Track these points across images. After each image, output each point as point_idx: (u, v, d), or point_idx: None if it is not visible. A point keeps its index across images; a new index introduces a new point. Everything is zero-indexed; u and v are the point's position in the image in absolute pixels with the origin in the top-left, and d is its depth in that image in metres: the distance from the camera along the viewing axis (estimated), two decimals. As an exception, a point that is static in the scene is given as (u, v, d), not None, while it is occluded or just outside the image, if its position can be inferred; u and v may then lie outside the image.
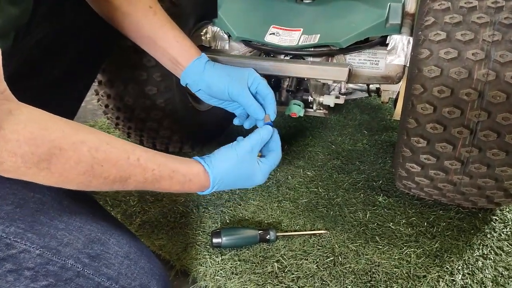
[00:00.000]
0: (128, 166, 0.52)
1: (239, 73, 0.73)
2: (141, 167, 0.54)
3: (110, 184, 0.52)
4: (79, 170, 0.48)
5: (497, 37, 0.62)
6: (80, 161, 0.48)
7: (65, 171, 0.48)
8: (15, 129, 0.44)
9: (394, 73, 0.83)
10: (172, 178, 0.58)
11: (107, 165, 0.50)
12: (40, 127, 0.46)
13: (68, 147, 0.47)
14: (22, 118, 0.44)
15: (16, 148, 0.44)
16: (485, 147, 0.67)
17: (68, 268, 0.52)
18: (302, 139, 1.21)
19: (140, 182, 0.54)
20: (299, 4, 0.92)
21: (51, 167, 0.46)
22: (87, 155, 0.49)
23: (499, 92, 0.62)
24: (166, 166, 0.57)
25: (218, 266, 0.81)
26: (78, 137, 0.48)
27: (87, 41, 0.77)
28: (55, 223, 0.53)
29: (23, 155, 0.44)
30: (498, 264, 0.80)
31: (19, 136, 0.44)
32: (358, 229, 0.89)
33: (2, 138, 0.43)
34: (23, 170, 0.45)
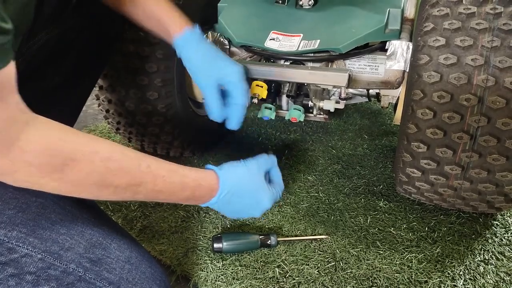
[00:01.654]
0: (139, 173, 0.53)
1: (217, 66, 0.70)
2: (152, 174, 0.54)
3: (121, 193, 0.53)
4: (91, 180, 0.50)
5: (496, 43, 0.63)
6: (93, 171, 0.49)
7: (77, 181, 0.49)
8: (32, 139, 0.45)
9: (393, 78, 0.83)
10: (184, 183, 0.58)
11: (119, 174, 0.51)
12: (55, 138, 0.47)
13: (81, 157, 0.48)
14: (38, 129, 0.46)
15: (32, 158, 0.45)
16: (485, 152, 0.67)
17: (70, 273, 0.52)
18: (303, 144, 1.21)
19: (150, 189, 0.55)
20: (299, 10, 0.92)
21: (64, 177, 0.48)
22: (100, 165, 0.50)
23: (498, 97, 0.63)
24: (176, 172, 0.58)
25: (219, 272, 0.81)
26: (91, 147, 0.50)
27: (87, 46, 0.77)
28: (56, 227, 0.53)
29: (39, 165, 0.45)
30: (499, 269, 0.80)
31: (35, 147, 0.45)
32: (359, 234, 0.89)
33: (19, 148, 0.44)
34: (36, 180, 0.47)
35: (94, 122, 1.40)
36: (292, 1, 0.94)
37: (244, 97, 0.72)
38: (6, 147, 0.43)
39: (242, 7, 0.94)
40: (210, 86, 0.71)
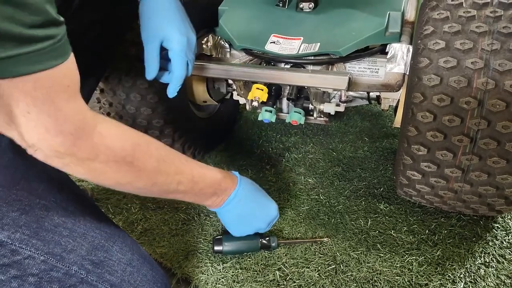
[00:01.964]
0: (180, 163, 0.62)
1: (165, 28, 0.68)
2: (189, 165, 0.63)
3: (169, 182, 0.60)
4: (151, 164, 0.56)
5: (496, 46, 0.63)
6: (152, 156, 0.56)
7: (142, 165, 0.54)
8: (106, 126, 0.51)
9: (394, 81, 0.83)
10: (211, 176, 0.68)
11: (168, 161, 0.59)
12: (119, 127, 0.53)
13: (143, 143, 0.55)
14: (103, 119, 0.51)
15: (111, 142, 0.50)
16: (485, 155, 0.67)
17: (72, 275, 0.52)
18: (303, 147, 1.21)
19: (189, 179, 0.63)
20: (300, 13, 0.93)
21: (134, 161, 0.53)
22: (155, 152, 0.57)
23: (498, 100, 0.63)
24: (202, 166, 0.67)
25: (219, 274, 0.81)
26: (146, 137, 0.57)
27: (88, 49, 0.77)
28: (59, 229, 0.53)
29: (116, 148, 0.51)
30: (500, 272, 0.80)
31: (111, 132, 0.51)
32: (360, 237, 0.89)
33: (99, 133, 0.49)
34: (111, 164, 0.51)
35: (95, 124, 1.40)
36: (293, 4, 0.95)
37: (181, 69, 0.70)
38: (87, 132, 0.48)
39: (243, 10, 0.95)
40: (150, 42, 0.69)
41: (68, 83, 0.46)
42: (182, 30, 0.69)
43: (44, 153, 0.47)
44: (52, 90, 0.44)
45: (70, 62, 0.46)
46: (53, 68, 0.44)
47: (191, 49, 0.70)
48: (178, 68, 0.70)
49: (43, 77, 0.43)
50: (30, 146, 0.46)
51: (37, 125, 0.44)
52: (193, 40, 0.71)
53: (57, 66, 0.44)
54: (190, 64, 0.71)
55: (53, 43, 0.43)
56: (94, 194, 1.03)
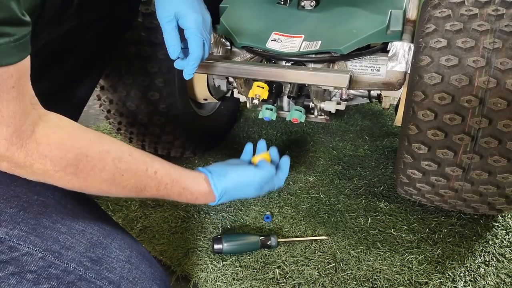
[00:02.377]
0: (145, 178, 0.57)
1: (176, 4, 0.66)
2: (157, 180, 0.58)
3: (127, 193, 0.56)
4: (102, 178, 0.52)
5: (497, 44, 0.63)
6: (104, 169, 0.51)
7: (89, 177, 0.51)
8: (46, 133, 0.46)
9: (395, 80, 0.83)
10: (181, 195, 0.63)
11: (127, 175, 0.54)
12: (69, 134, 0.49)
13: (94, 155, 0.50)
14: (52, 123, 0.48)
15: (47, 151, 0.46)
16: (486, 153, 0.67)
17: (70, 272, 0.52)
18: (303, 145, 1.21)
19: (153, 193, 0.59)
20: (301, 11, 0.92)
21: (77, 173, 0.49)
22: (110, 164, 0.52)
23: (500, 99, 0.62)
24: (178, 183, 0.62)
25: (219, 272, 0.81)
26: (103, 146, 0.52)
27: (88, 47, 0.77)
28: (57, 226, 0.53)
29: (53, 158, 0.47)
30: (500, 271, 0.80)
31: (49, 140, 0.47)
32: (360, 235, 0.89)
33: (35, 140, 0.46)
34: (51, 173, 0.48)
35: (95, 122, 1.40)
36: (294, 2, 0.94)
37: (198, 49, 0.68)
38: (22, 139, 0.45)
39: (244, 8, 0.94)
40: (167, 22, 0.67)
41: (12, 84, 0.43)
42: (197, 9, 0.68)
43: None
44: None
45: (22, 64, 0.44)
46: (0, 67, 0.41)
47: (207, 28, 0.69)
48: (195, 47, 0.68)
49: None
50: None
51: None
52: (208, 19, 0.70)
53: (6, 66, 0.42)
54: (207, 44, 0.70)
55: (8, 42, 0.41)
56: (94, 191, 1.03)
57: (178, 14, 0.66)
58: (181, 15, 0.66)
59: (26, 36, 0.43)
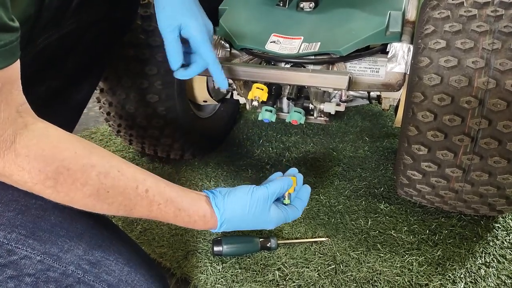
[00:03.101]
0: (135, 196, 0.52)
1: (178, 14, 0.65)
2: (148, 199, 0.53)
3: (114, 211, 0.52)
4: (84, 193, 0.48)
5: (497, 45, 0.63)
6: (86, 184, 0.48)
7: (70, 192, 0.47)
8: (26, 144, 0.44)
9: (394, 81, 0.83)
10: (177, 217, 0.56)
11: (114, 192, 0.50)
12: (52, 145, 0.46)
13: (76, 168, 0.47)
14: (36, 133, 0.45)
15: (24, 163, 0.44)
16: (486, 154, 0.67)
17: (69, 275, 0.52)
18: (303, 146, 1.21)
19: (144, 213, 0.54)
20: (300, 12, 0.92)
21: (57, 186, 0.46)
22: (94, 179, 0.48)
23: (499, 100, 0.62)
24: (173, 203, 0.55)
25: (219, 274, 0.80)
26: (89, 160, 0.48)
27: (87, 50, 0.77)
28: (56, 229, 0.53)
29: (30, 170, 0.44)
30: (501, 273, 0.80)
31: (29, 152, 0.44)
32: (360, 237, 0.88)
33: (13, 151, 0.43)
34: (30, 185, 0.46)
35: (95, 124, 1.40)
36: (293, 3, 0.94)
37: (212, 54, 0.68)
38: (3, 148, 0.43)
39: (243, 10, 0.94)
40: (169, 32, 0.66)
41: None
42: (198, 18, 0.67)
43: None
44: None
45: (9, 70, 0.42)
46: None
47: (210, 36, 0.69)
48: (208, 55, 0.67)
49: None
50: None
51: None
52: (210, 27, 0.69)
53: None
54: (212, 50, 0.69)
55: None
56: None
57: (181, 24, 0.65)
58: (184, 25, 0.65)
59: (13, 42, 0.42)
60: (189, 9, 0.67)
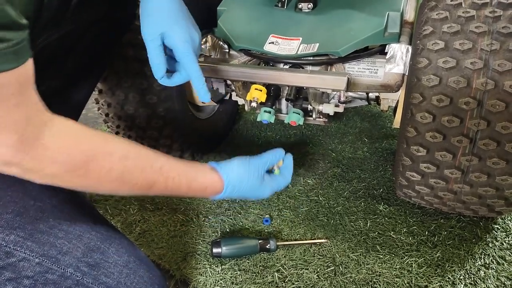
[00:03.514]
0: (152, 173, 0.56)
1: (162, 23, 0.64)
2: (163, 175, 0.57)
3: (137, 190, 0.56)
4: (111, 177, 0.52)
5: (495, 46, 0.63)
6: (112, 169, 0.51)
7: (99, 178, 0.51)
8: (53, 138, 0.47)
9: (393, 82, 0.83)
10: (190, 187, 0.62)
11: (135, 173, 0.54)
12: (75, 137, 0.49)
13: (101, 155, 0.51)
14: (58, 128, 0.48)
15: (56, 155, 0.47)
16: (485, 156, 0.67)
17: (67, 277, 0.51)
18: (302, 147, 1.21)
19: (161, 189, 0.58)
20: (298, 13, 0.92)
21: (87, 174, 0.50)
22: (117, 163, 0.52)
23: (498, 101, 0.62)
24: (185, 175, 0.60)
25: (218, 276, 0.80)
26: (109, 146, 0.52)
27: (86, 51, 0.77)
28: (54, 231, 0.53)
29: (63, 162, 0.47)
30: (500, 274, 0.80)
31: (57, 145, 0.47)
32: (359, 238, 0.88)
33: (42, 146, 0.46)
34: (61, 177, 0.48)
35: (94, 125, 1.40)
36: (291, 4, 0.94)
37: (195, 66, 0.66)
38: (29, 145, 0.45)
39: (241, 10, 0.94)
40: (151, 40, 0.65)
41: (13, 91, 0.42)
42: (183, 27, 0.66)
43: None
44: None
45: (23, 69, 0.43)
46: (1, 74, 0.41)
47: (195, 47, 0.68)
48: (191, 67, 0.66)
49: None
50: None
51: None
52: (195, 37, 0.68)
53: (4, 72, 0.41)
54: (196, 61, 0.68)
55: (6, 47, 0.40)
56: (92, 196, 1.03)
57: (163, 34, 0.64)
58: (166, 34, 0.64)
59: (24, 40, 0.43)
60: (174, 18, 0.65)
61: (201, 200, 1.01)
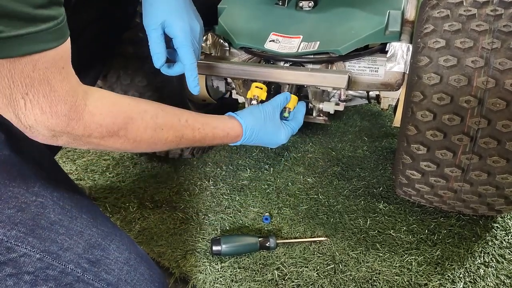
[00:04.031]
0: (180, 127, 0.62)
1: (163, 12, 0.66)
2: (190, 127, 0.63)
3: (169, 144, 0.61)
4: (147, 134, 0.56)
5: (496, 44, 0.63)
6: (147, 127, 0.56)
7: (137, 137, 0.55)
8: (96, 104, 0.51)
9: (393, 80, 0.83)
10: (214, 134, 0.67)
11: (166, 128, 0.59)
12: (112, 102, 0.53)
13: (136, 116, 0.55)
14: (97, 96, 0.51)
15: (101, 120, 0.51)
16: (485, 154, 0.67)
17: (68, 273, 0.51)
18: (302, 146, 1.21)
19: (190, 139, 0.63)
20: (299, 11, 0.92)
21: (127, 134, 0.54)
22: (150, 121, 0.57)
23: (499, 99, 0.62)
24: (208, 125, 0.66)
25: (217, 274, 0.80)
26: (141, 107, 0.56)
27: (86, 48, 0.77)
28: (56, 227, 0.53)
29: (107, 125, 0.51)
30: (500, 272, 0.80)
31: (101, 110, 0.51)
32: (359, 236, 0.88)
33: (89, 112, 0.50)
34: (107, 139, 0.52)
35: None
36: (292, 2, 0.94)
37: (190, 57, 0.68)
38: (79, 113, 0.48)
39: (242, 8, 0.94)
40: (152, 30, 0.67)
41: (62, 65, 0.47)
42: (184, 17, 0.67)
43: (41, 133, 0.48)
44: (49, 72, 0.45)
45: (67, 44, 0.47)
46: (53, 49, 0.44)
47: (195, 37, 0.69)
48: (186, 57, 0.68)
49: (43, 58, 0.44)
50: (28, 128, 0.47)
51: (33, 106, 0.45)
52: (196, 28, 0.69)
53: (56, 47, 0.45)
54: (195, 53, 0.69)
55: (56, 24, 0.44)
56: (92, 193, 1.03)
57: (164, 23, 0.66)
58: (167, 23, 0.66)
59: (64, 16, 0.46)
60: (175, 7, 0.67)
61: (200, 197, 1.01)
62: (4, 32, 0.39)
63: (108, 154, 1.19)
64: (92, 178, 1.09)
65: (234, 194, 1.02)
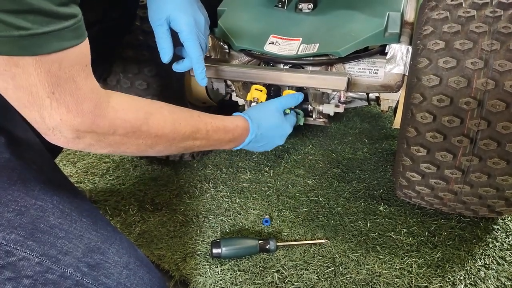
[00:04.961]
0: (194, 121, 0.62)
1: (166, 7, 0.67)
2: (202, 121, 0.63)
3: (185, 140, 0.60)
4: (167, 129, 0.57)
5: (495, 46, 0.63)
6: (166, 121, 0.57)
7: (159, 131, 0.56)
8: (118, 101, 0.51)
9: (393, 82, 0.83)
10: (225, 129, 0.67)
11: (183, 122, 0.59)
12: (132, 99, 0.54)
13: (155, 111, 0.56)
14: (116, 94, 0.52)
15: (124, 115, 0.51)
16: (485, 156, 0.67)
17: (67, 277, 0.51)
18: (302, 148, 1.21)
19: (203, 134, 0.63)
20: (299, 14, 0.92)
21: (149, 129, 0.54)
22: (168, 116, 0.57)
23: (498, 101, 0.62)
24: (217, 118, 0.67)
25: (217, 277, 0.80)
26: (156, 104, 0.57)
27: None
28: (55, 231, 0.53)
29: (131, 120, 0.52)
30: (500, 274, 0.80)
31: (123, 106, 0.51)
32: (359, 239, 0.88)
33: (113, 109, 0.50)
34: (130, 135, 0.53)
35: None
36: (292, 5, 0.94)
37: (196, 50, 0.69)
38: (103, 109, 0.49)
39: (242, 11, 0.94)
40: (158, 25, 0.67)
41: (86, 62, 0.47)
42: (188, 11, 0.67)
43: (64, 135, 0.47)
44: (74, 69, 0.45)
45: (86, 43, 0.47)
46: (76, 47, 0.45)
47: (201, 29, 0.69)
48: (192, 50, 0.68)
49: (68, 56, 0.44)
50: (50, 130, 0.46)
51: (59, 105, 0.45)
52: (201, 20, 0.69)
53: (79, 44, 0.45)
54: (202, 45, 0.70)
55: (77, 21, 0.44)
56: (92, 196, 1.03)
57: (169, 18, 0.66)
58: (172, 18, 0.66)
59: (81, 15, 0.46)
60: (179, 2, 0.67)
61: (200, 200, 1.00)
62: (31, 29, 0.39)
63: (109, 157, 1.19)
64: (92, 180, 1.09)
65: (234, 196, 1.01)
